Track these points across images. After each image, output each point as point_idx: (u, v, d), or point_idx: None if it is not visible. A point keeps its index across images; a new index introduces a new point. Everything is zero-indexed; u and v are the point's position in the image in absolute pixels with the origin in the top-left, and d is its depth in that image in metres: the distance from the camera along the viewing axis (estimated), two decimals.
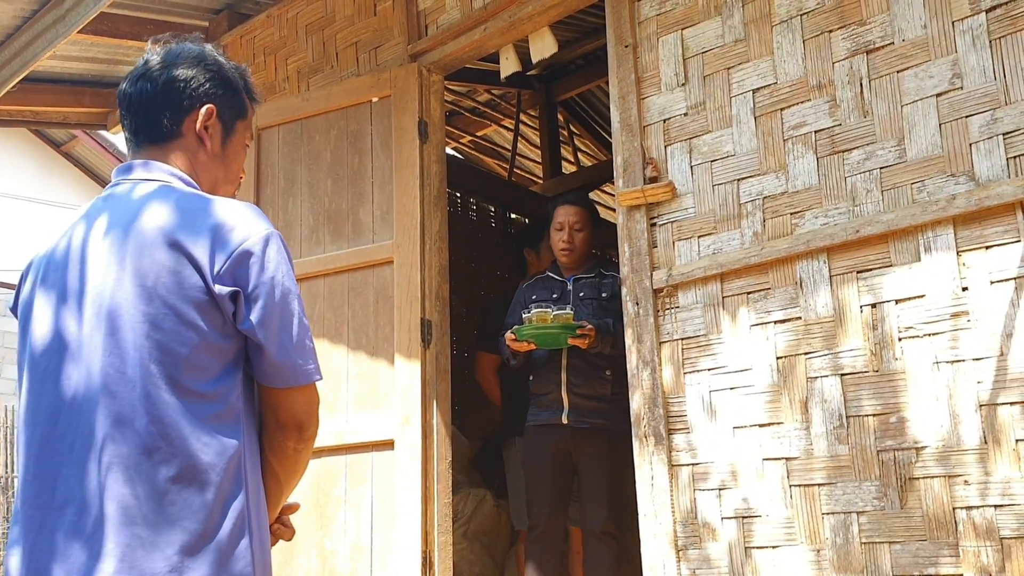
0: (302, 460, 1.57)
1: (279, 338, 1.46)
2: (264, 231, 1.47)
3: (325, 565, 3.68)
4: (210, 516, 1.37)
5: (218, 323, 1.42)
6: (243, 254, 1.43)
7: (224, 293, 1.41)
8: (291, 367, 1.48)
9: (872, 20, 2.75)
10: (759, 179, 2.90)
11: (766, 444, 2.76)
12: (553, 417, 3.76)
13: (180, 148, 1.60)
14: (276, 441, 1.52)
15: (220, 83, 1.63)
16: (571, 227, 3.91)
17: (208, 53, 1.65)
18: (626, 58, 3.25)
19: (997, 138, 2.48)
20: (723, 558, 2.80)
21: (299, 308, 1.50)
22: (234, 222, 1.45)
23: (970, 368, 2.44)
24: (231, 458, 1.41)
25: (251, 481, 1.46)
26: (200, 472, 1.38)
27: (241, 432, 1.45)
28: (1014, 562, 2.31)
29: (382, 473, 3.64)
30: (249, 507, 1.44)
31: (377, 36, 4.21)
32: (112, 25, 4.56)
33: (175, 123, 1.59)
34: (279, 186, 4.22)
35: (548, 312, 3.65)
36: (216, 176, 1.64)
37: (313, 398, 1.53)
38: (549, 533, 3.77)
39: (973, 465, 2.41)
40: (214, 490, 1.38)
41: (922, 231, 2.57)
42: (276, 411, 1.51)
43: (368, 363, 3.79)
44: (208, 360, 1.42)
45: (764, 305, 2.84)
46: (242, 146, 1.69)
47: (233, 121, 1.66)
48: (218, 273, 1.41)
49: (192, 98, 1.60)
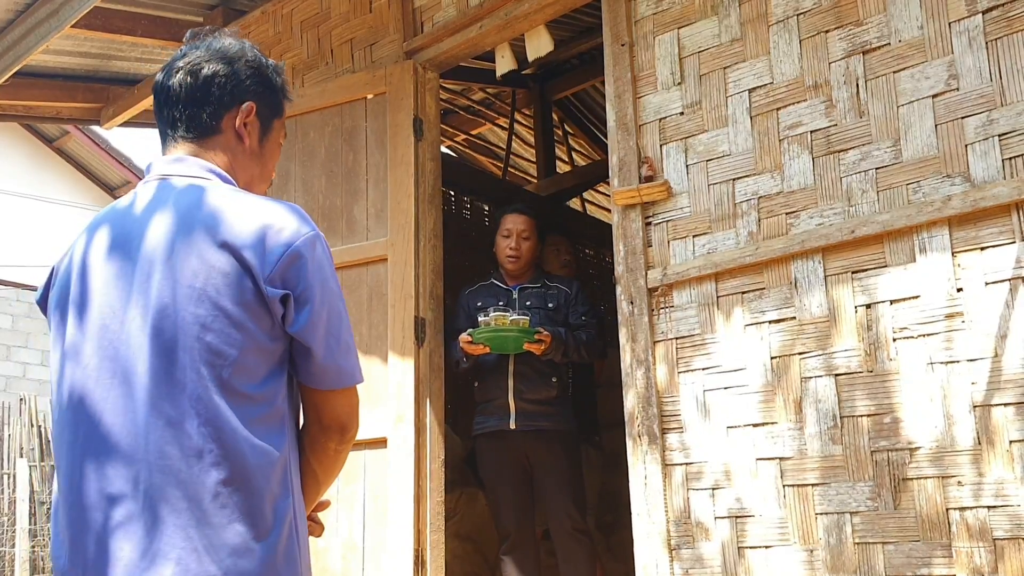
0: (341, 460, 1.56)
1: (326, 341, 1.45)
2: (311, 233, 1.46)
3: (317, 563, 3.67)
4: (262, 519, 1.37)
5: (267, 325, 1.41)
6: (292, 256, 1.42)
7: (275, 296, 1.40)
8: (336, 369, 1.48)
9: (869, 20, 2.75)
10: (754, 179, 2.90)
11: (760, 444, 2.76)
12: (501, 423, 3.79)
13: (219, 144, 1.58)
14: (319, 442, 1.51)
15: (260, 80, 1.62)
16: (519, 235, 3.98)
17: (248, 49, 1.63)
18: (622, 57, 3.25)
19: (993, 139, 2.48)
20: (716, 558, 2.79)
21: (344, 310, 1.50)
22: (282, 224, 1.44)
23: (964, 369, 2.45)
24: (278, 461, 1.40)
25: (295, 483, 1.45)
26: (250, 475, 1.36)
27: (286, 434, 1.44)
28: (1007, 563, 2.32)
29: (375, 471, 3.63)
30: (295, 509, 1.43)
31: (372, 33, 4.20)
32: (105, 20, 4.55)
33: (215, 119, 1.57)
34: (273, 183, 4.20)
35: (507, 315, 3.68)
36: (252, 173, 1.63)
37: (355, 400, 1.53)
38: (521, 541, 3.80)
39: (967, 466, 2.41)
40: (263, 493, 1.37)
41: (917, 232, 2.57)
42: (320, 412, 1.50)
43: (362, 361, 3.75)
44: (256, 362, 1.41)
45: (759, 305, 2.83)
46: (277, 144, 1.68)
47: (270, 119, 1.65)
48: (268, 275, 1.40)
49: (233, 94, 1.58)
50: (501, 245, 4.03)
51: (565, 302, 3.95)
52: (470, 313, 3.94)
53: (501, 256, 4.03)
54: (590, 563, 3.72)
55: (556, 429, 3.80)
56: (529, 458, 3.81)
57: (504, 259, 4.01)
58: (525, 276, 4.03)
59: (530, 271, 4.05)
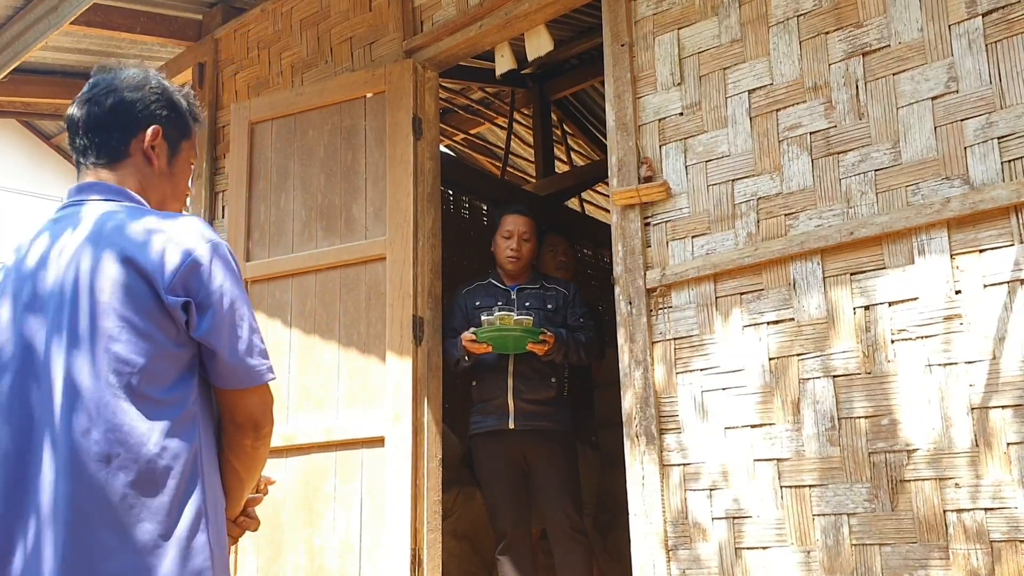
0: (260, 456, 1.63)
1: (230, 342, 1.54)
2: (210, 242, 1.56)
3: (314, 562, 3.67)
4: (168, 516, 1.44)
5: (172, 332, 1.51)
6: (192, 265, 1.51)
7: (176, 303, 1.49)
8: (244, 369, 1.56)
9: (869, 22, 2.75)
10: (754, 180, 2.90)
11: (757, 445, 2.76)
12: (499, 423, 3.79)
13: (129, 167, 1.68)
14: (234, 440, 1.59)
15: (165, 105, 1.72)
16: (520, 236, 3.99)
17: (152, 76, 1.73)
18: (622, 57, 3.25)
19: (992, 142, 2.48)
20: (713, 558, 2.79)
21: (248, 312, 1.58)
22: (182, 236, 1.54)
23: (962, 371, 2.45)
24: (187, 460, 1.48)
25: (208, 480, 1.52)
26: (157, 475, 1.45)
27: (197, 434, 1.52)
28: (1004, 565, 2.32)
29: (372, 470, 3.63)
30: (207, 505, 1.50)
31: (372, 32, 4.20)
32: (105, 17, 4.54)
33: (123, 144, 1.67)
34: (272, 181, 4.20)
35: (511, 315, 3.68)
36: (164, 193, 1.72)
37: (267, 397, 1.61)
38: (517, 542, 3.80)
39: (964, 468, 2.41)
40: (171, 491, 1.45)
41: (916, 234, 2.57)
42: (232, 411, 1.58)
43: (359, 360, 3.77)
44: (164, 367, 1.50)
45: (757, 306, 2.83)
46: (187, 164, 1.78)
47: (178, 141, 1.75)
48: (169, 285, 1.50)
49: (139, 120, 1.68)
50: (501, 245, 4.02)
51: (564, 303, 3.96)
52: (467, 312, 3.94)
53: (501, 256, 4.03)
54: (587, 563, 3.73)
55: (554, 429, 3.80)
56: (527, 458, 3.82)
57: (504, 259, 4.01)
58: (523, 277, 4.03)
59: (527, 272, 4.06)
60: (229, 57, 4.81)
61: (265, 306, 4.06)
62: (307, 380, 3.88)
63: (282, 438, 3.81)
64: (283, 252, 4.08)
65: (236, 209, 4.25)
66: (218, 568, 1.50)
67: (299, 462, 3.79)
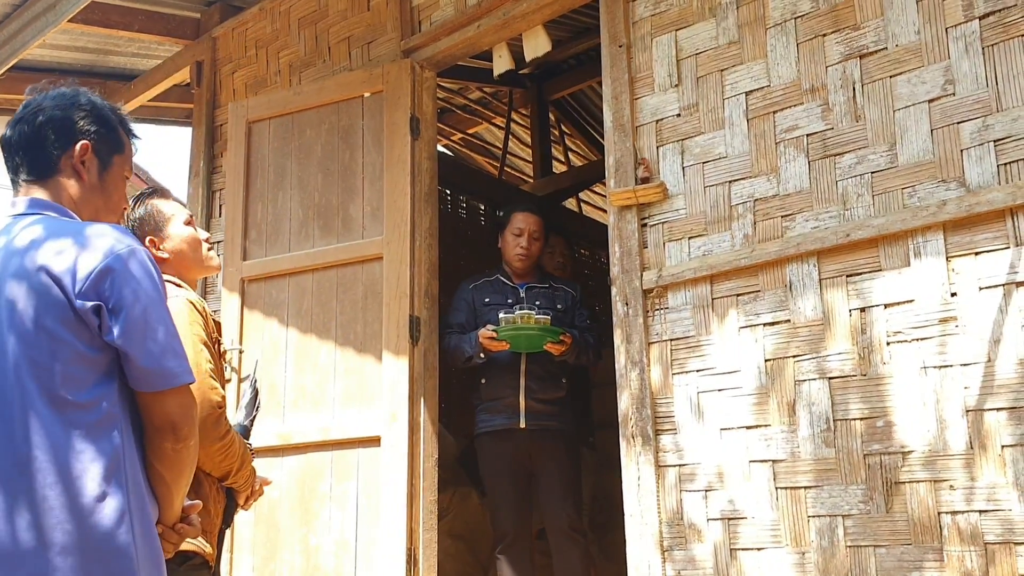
0: (183, 460, 1.63)
1: (144, 346, 1.55)
2: (125, 248, 1.58)
3: (309, 561, 3.67)
4: (88, 517, 1.46)
5: (86, 337, 1.53)
6: (103, 270, 1.54)
7: (87, 308, 1.52)
8: (159, 371, 1.57)
9: (866, 25, 2.76)
10: (750, 181, 2.91)
11: (753, 446, 2.77)
12: (509, 422, 3.77)
13: (60, 183, 1.72)
14: (155, 443, 1.60)
15: (94, 120, 1.75)
16: (530, 235, 3.96)
17: (82, 94, 1.77)
18: (620, 58, 3.25)
19: (988, 145, 2.49)
20: (708, 559, 2.80)
21: (165, 316, 1.60)
22: (96, 242, 1.57)
23: (957, 373, 2.45)
24: (108, 462, 1.50)
25: (131, 482, 1.53)
26: (74, 479, 1.47)
27: (118, 437, 1.53)
28: (998, 567, 2.32)
29: (368, 470, 3.63)
30: (130, 506, 1.51)
31: (370, 31, 4.20)
32: (103, 15, 4.54)
33: (53, 160, 1.71)
34: (269, 180, 4.20)
35: (531, 314, 3.66)
36: (96, 207, 1.76)
37: (186, 400, 1.61)
38: (519, 540, 3.79)
39: (959, 470, 2.42)
40: (91, 494, 1.47)
41: (912, 236, 2.57)
42: (151, 414, 1.59)
43: (355, 359, 3.77)
44: (82, 372, 1.52)
45: (753, 307, 2.84)
46: (121, 178, 1.81)
47: (109, 155, 1.77)
48: (80, 290, 1.52)
49: (68, 136, 1.72)
50: (511, 243, 3.98)
51: (572, 304, 3.95)
52: (475, 308, 3.90)
53: (509, 253, 3.99)
54: (584, 563, 3.72)
55: (561, 429, 3.80)
56: (532, 457, 3.80)
57: (513, 257, 3.97)
58: (530, 275, 4.01)
59: (534, 271, 4.04)
60: (227, 56, 4.81)
61: (262, 305, 4.06)
62: (303, 379, 3.88)
63: (278, 437, 3.81)
64: (280, 251, 4.08)
65: (233, 208, 4.25)
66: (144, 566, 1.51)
67: (295, 461, 3.79)
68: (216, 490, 2.18)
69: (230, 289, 4.14)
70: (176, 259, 2.31)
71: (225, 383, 2.25)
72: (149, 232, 2.29)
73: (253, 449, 2.32)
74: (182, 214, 2.37)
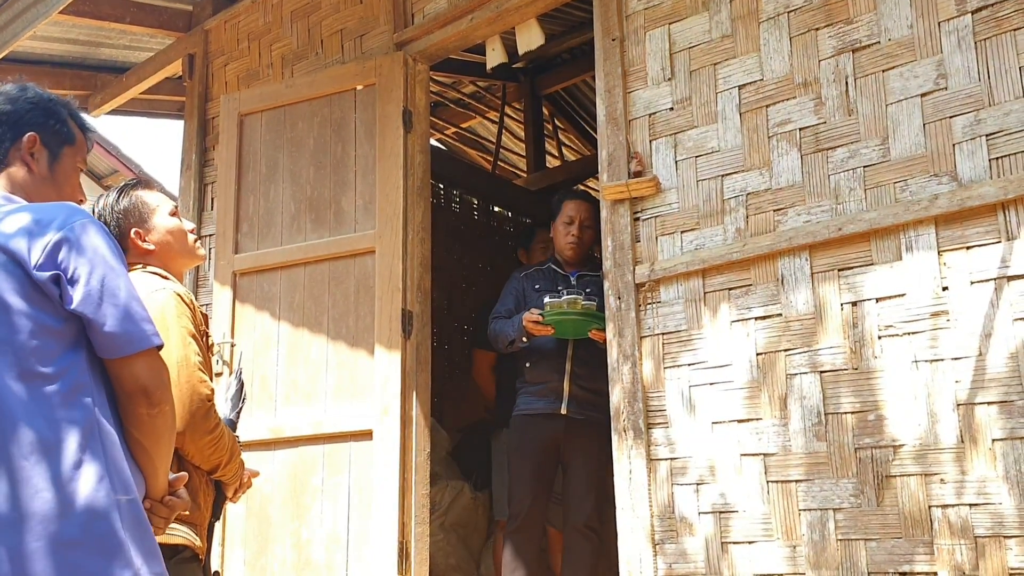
0: (161, 426, 1.63)
1: (104, 311, 1.56)
2: (79, 219, 1.61)
3: (300, 555, 3.67)
4: (67, 485, 1.47)
5: (49, 308, 1.55)
6: (59, 241, 1.56)
7: (44, 278, 1.54)
8: (124, 335, 1.58)
9: (859, 19, 2.76)
10: (743, 175, 2.91)
11: (744, 440, 2.77)
12: (551, 407, 3.72)
13: (10, 174, 1.75)
14: (129, 410, 1.61)
15: (42, 112, 1.78)
16: (581, 222, 3.88)
17: (29, 88, 1.80)
18: (613, 52, 3.25)
19: (980, 139, 2.49)
20: (699, 553, 2.80)
21: (124, 282, 1.61)
22: (50, 217, 1.60)
23: (948, 367, 2.46)
24: (81, 431, 1.51)
25: (108, 449, 1.54)
26: (50, 448, 1.48)
27: (91, 405, 1.55)
28: (988, 560, 2.33)
29: (360, 463, 3.63)
30: (110, 472, 1.52)
31: (363, 24, 4.19)
32: (94, 6, 4.51)
33: (2, 152, 1.75)
34: (261, 173, 4.19)
35: (578, 299, 3.59)
36: (48, 197, 1.78)
37: (155, 363, 1.61)
38: (528, 524, 3.75)
39: (949, 464, 2.42)
40: (67, 462, 1.48)
41: (904, 230, 2.57)
42: (121, 381, 1.60)
43: (348, 353, 3.77)
44: (48, 343, 1.53)
45: (745, 301, 2.84)
46: (73, 169, 1.83)
47: (59, 147, 1.80)
48: (38, 262, 1.54)
49: (15, 129, 1.75)
50: (561, 231, 3.92)
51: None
52: (525, 294, 3.85)
53: (561, 242, 3.93)
54: (593, 561, 3.69)
55: (602, 422, 3.62)
56: (564, 447, 3.74)
57: (564, 245, 3.91)
58: (581, 264, 3.94)
59: (586, 259, 3.96)
60: (219, 48, 4.79)
61: (253, 299, 4.05)
62: (295, 373, 3.87)
63: (270, 431, 3.81)
64: (272, 245, 4.07)
65: (225, 201, 4.23)
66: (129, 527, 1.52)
67: (287, 455, 3.78)
68: (205, 483, 2.17)
69: (221, 282, 4.13)
70: (162, 250, 2.29)
71: (213, 376, 2.23)
72: (134, 224, 2.27)
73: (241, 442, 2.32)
74: (167, 205, 2.35)
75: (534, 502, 3.75)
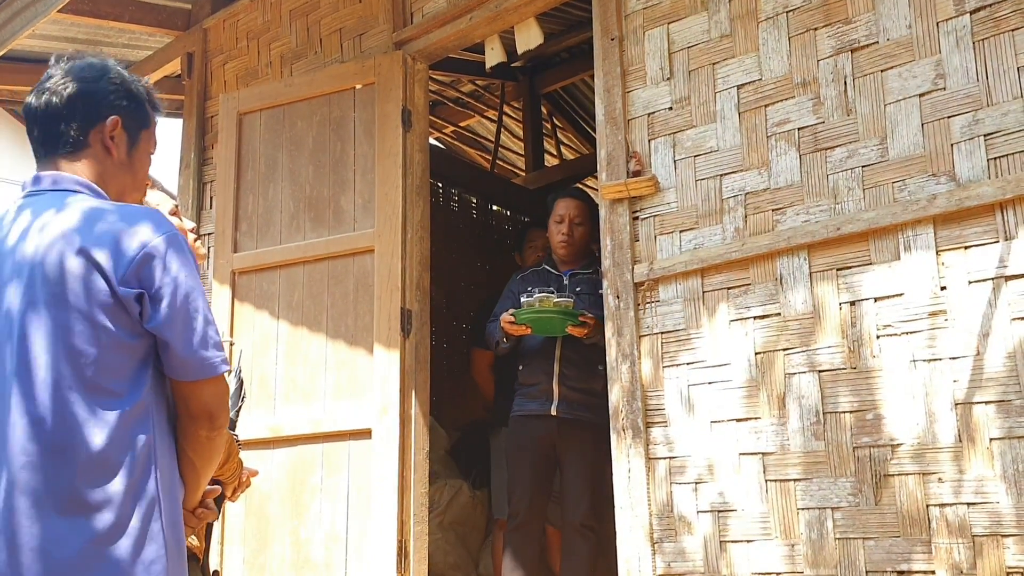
0: (215, 447, 1.64)
1: (184, 335, 1.55)
2: (165, 234, 1.57)
3: (299, 554, 3.67)
4: (121, 506, 1.46)
5: (126, 324, 1.52)
6: (145, 257, 1.53)
7: (129, 295, 1.51)
8: (198, 361, 1.56)
9: (857, 19, 2.76)
10: (742, 175, 2.91)
11: (743, 439, 2.77)
12: (541, 408, 3.75)
13: (87, 158, 1.68)
14: (189, 431, 1.60)
15: (124, 95, 1.72)
16: (571, 220, 3.89)
17: (112, 67, 1.73)
18: (612, 51, 3.25)
19: (978, 139, 2.49)
20: (698, 551, 2.81)
21: (203, 304, 1.59)
22: (136, 227, 1.55)
23: (946, 367, 2.46)
24: (140, 450, 1.50)
25: (162, 469, 1.54)
26: (110, 465, 1.46)
27: (151, 424, 1.53)
28: (985, 559, 2.34)
29: (359, 462, 3.63)
30: (160, 494, 1.52)
31: (362, 23, 4.19)
32: (93, 5, 4.51)
33: (82, 134, 1.67)
34: (260, 171, 4.19)
35: (550, 298, 3.63)
36: (124, 184, 1.73)
37: (221, 389, 1.61)
38: (528, 524, 3.77)
39: (947, 463, 2.43)
40: (124, 481, 1.47)
41: (902, 230, 2.58)
42: (187, 402, 1.59)
43: (347, 352, 3.77)
44: (118, 359, 1.51)
45: (744, 301, 2.84)
46: (147, 155, 1.78)
47: (138, 131, 1.74)
48: (122, 277, 1.51)
49: (98, 110, 1.68)
50: (553, 231, 3.94)
51: None
52: (517, 298, 3.87)
53: (553, 242, 3.95)
54: (590, 560, 3.69)
55: (594, 422, 3.68)
56: (558, 446, 3.76)
57: (556, 244, 3.93)
58: (577, 262, 3.95)
59: (583, 257, 3.97)
60: (218, 47, 4.79)
61: (252, 298, 4.06)
62: (294, 372, 3.87)
63: (269, 430, 3.81)
64: (271, 243, 4.07)
65: (224, 200, 4.23)
66: (172, 557, 1.52)
67: (286, 454, 3.78)
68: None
69: (221, 281, 4.13)
70: None
71: None
72: None
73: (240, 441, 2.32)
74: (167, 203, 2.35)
75: (532, 501, 3.77)
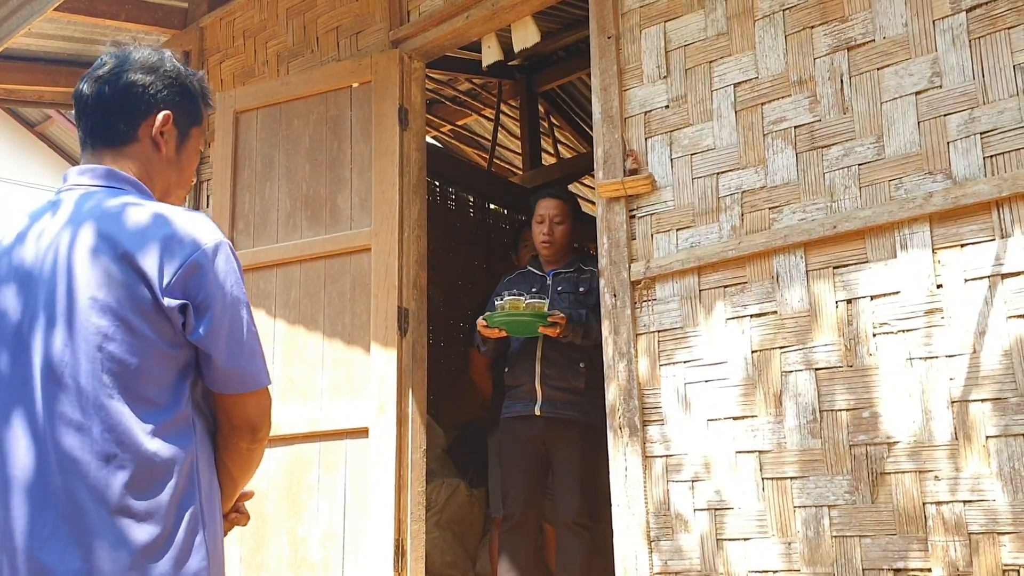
0: (255, 458, 1.62)
1: (228, 347, 1.50)
2: (213, 242, 1.50)
3: (297, 552, 3.67)
4: (166, 517, 1.43)
5: (168, 334, 1.46)
6: (191, 266, 1.46)
7: (173, 306, 1.45)
8: (240, 374, 1.52)
9: (854, 17, 2.76)
10: (738, 173, 2.91)
11: (739, 437, 2.78)
12: (526, 409, 3.77)
13: (135, 152, 1.61)
14: (230, 443, 1.57)
15: (178, 90, 1.65)
16: (551, 220, 3.92)
17: (167, 59, 1.66)
18: (608, 49, 3.25)
19: (975, 137, 2.50)
20: (695, 550, 2.81)
21: (248, 316, 1.55)
22: (183, 233, 1.48)
23: (943, 365, 2.47)
24: (184, 461, 1.46)
25: (204, 480, 1.51)
26: (155, 476, 1.43)
27: (193, 435, 1.50)
28: (981, 557, 2.34)
29: (356, 461, 3.63)
30: (202, 505, 1.49)
31: (359, 21, 4.18)
32: (89, 3, 4.50)
33: (131, 127, 1.61)
34: (256, 170, 4.19)
35: (520, 300, 3.66)
36: (169, 181, 1.67)
37: (264, 401, 1.57)
38: (523, 524, 3.78)
39: (944, 461, 2.43)
40: (169, 492, 1.44)
41: (899, 228, 2.58)
42: (229, 415, 1.55)
43: (344, 351, 3.77)
44: (160, 369, 1.46)
45: (740, 299, 2.85)
46: (196, 152, 1.72)
47: (188, 128, 1.68)
48: (167, 285, 1.44)
49: (149, 103, 1.61)
50: (535, 231, 3.96)
51: (596, 285, 3.91)
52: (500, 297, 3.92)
53: (536, 242, 3.98)
54: (584, 558, 3.70)
55: (580, 421, 3.71)
56: (548, 445, 3.77)
57: (538, 245, 3.96)
58: (561, 261, 3.96)
59: (566, 255, 3.98)
60: (215, 46, 4.79)
61: (249, 296, 4.03)
62: (291, 371, 3.87)
63: None
64: (268, 242, 4.06)
65: (221, 198, 4.23)
66: (214, 568, 1.49)
67: (283, 453, 3.78)
68: None
69: None
70: None
71: None
72: None
73: None
74: None
75: (527, 501, 3.78)
